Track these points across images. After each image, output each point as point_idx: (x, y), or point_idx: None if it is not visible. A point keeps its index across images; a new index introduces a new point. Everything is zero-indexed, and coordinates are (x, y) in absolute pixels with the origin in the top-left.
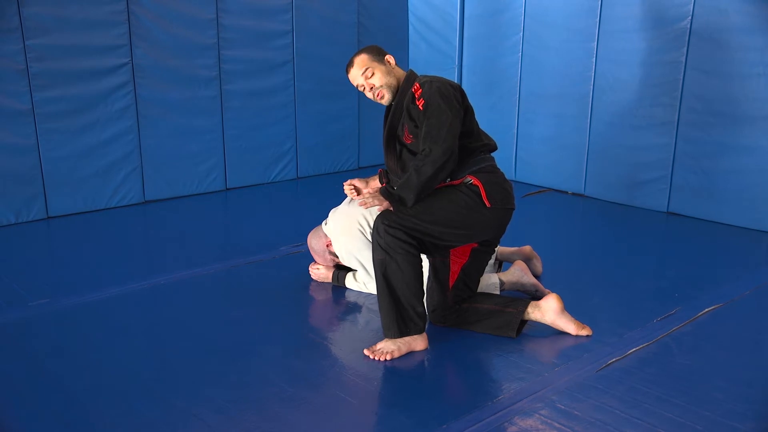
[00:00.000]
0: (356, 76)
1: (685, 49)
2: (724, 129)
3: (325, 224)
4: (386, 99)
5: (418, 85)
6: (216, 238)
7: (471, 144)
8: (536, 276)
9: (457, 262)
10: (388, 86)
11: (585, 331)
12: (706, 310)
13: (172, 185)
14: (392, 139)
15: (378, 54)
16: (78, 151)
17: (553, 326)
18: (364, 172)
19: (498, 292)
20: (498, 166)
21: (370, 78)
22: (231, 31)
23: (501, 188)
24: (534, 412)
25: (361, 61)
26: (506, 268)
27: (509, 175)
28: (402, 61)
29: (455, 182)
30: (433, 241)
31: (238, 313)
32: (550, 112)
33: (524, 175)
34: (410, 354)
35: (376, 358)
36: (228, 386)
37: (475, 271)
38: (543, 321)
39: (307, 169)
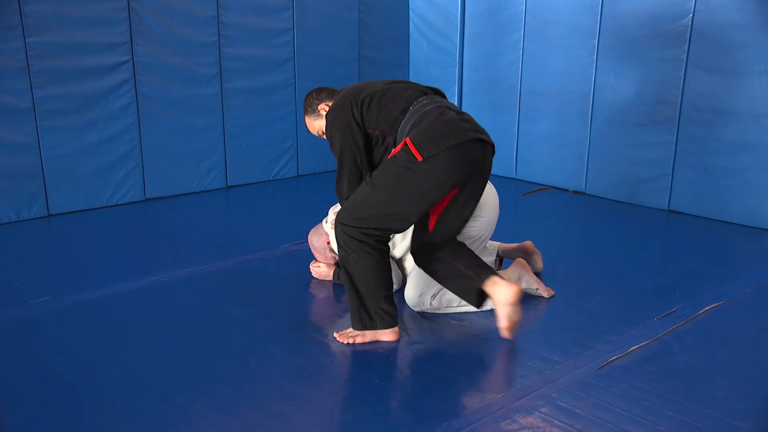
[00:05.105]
0: (314, 134)
1: (687, 46)
2: (726, 127)
3: (326, 222)
4: None
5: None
6: (217, 236)
7: (389, 111)
8: (536, 273)
9: (435, 212)
10: None
11: (508, 335)
12: (708, 308)
13: (172, 183)
14: None
15: (314, 110)
16: (79, 149)
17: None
18: None
19: None
20: (439, 104)
21: (323, 136)
22: (232, 28)
23: (432, 133)
24: (535, 410)
25: (309, 126)
26: (507, 266)
27: (509, 172)
28: (403, 59)
29: (396, 149)
30: (393, 220)
31: (239, 310)
32: (551, 109)
33: (525, 172)
34: (411, 352)
35: (343, 341)
36: (229, 384)
37: (454, 214)
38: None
39: (308, 167)
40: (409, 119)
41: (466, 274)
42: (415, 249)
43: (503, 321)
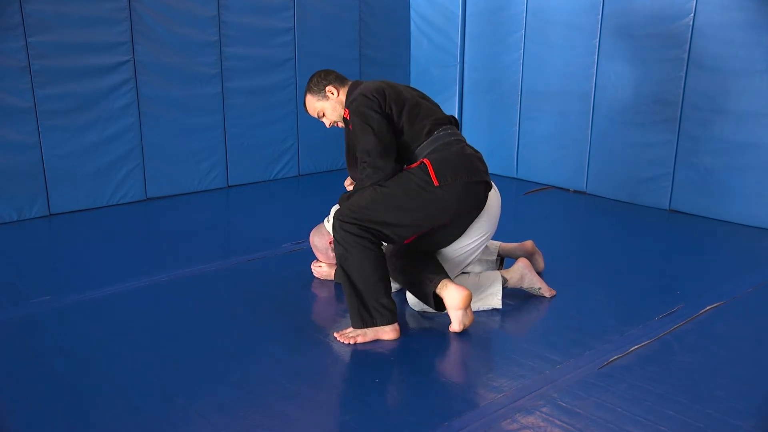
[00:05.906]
0: (311, 115)
1: (688, 45)
2: (727, 126)
3: (328, 221)
4: (341, 125)
5: (347, 110)
6: (217, 236)
7: (416, 128)
8: (537, 272)
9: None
10: (337, 119)
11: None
12: (708, 307)
13: (173, 183)
14: (351, 153)
15: (320, 90)
16: (80, 149)
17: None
18: None
19: (500, 289)
20: (459, 138)
21: (322, 118)
22: (232, 28)
23: (453, 164)
24: (535, 410)
25: (309, 105)
26: (508, 265)
27: (510, 172)
28: (404, 58)
29: (412, 166)
30: (391, 229)
31: (240, 310)
32: (552, 109)
33: (526, 172)
34: (411, 352)
35: (343, 341)
36: (230, 383)
37: (433, 238)
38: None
39: (309, 167)
40: (431, 143)
41: (422, 280)
42: (388, 254)
43: (454, 325)
